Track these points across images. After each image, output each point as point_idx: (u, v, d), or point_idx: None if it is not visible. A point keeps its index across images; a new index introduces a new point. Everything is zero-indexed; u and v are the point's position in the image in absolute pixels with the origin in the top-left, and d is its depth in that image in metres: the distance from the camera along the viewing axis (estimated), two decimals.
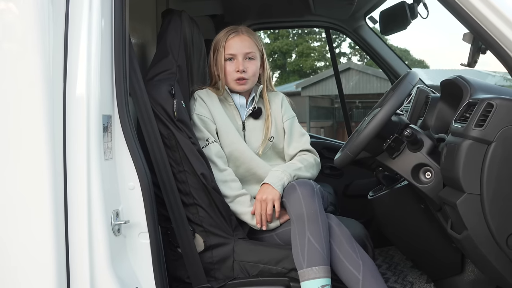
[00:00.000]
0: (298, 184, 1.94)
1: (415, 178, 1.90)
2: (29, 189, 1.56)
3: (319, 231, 1.84)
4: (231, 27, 2.17)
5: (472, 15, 1.64)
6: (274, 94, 2.26)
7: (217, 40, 2.16)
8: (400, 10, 2.62)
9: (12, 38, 1.58)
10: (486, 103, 1.62)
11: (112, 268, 1.63)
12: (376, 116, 1.86)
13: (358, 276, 1.83)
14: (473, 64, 1.80)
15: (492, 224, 1.62)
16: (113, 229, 1.65)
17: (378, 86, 20.03)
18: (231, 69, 2.12)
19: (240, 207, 2.00)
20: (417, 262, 2.51)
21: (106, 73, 1.68)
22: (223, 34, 2.15)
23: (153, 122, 1.85)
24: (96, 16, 1.65)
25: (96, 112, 1.62)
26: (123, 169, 1.71)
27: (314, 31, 29.45)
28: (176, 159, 1.91)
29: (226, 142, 2.07)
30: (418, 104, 2.42)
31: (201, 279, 1.89)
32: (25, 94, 1.56)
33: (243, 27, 2.18)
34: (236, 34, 2.14)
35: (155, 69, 2.05)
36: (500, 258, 1.64)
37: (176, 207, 1.87)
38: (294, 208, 1.88)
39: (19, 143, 1.57)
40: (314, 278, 1.79)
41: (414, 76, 1.97)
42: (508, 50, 1.61)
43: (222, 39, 2.14)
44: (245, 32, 2.15)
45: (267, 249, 1.97)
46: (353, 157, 1.91)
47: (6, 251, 1.58)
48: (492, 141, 1.59)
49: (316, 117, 21.74)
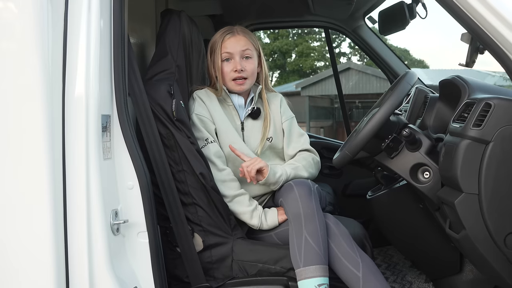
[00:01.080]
0: (295, 183, 1.94)
1: (413, 178, 1.91)
2: (28, 188, 1.56)
3: (316, 230, 1.84)
4: (227, 27, 2.18)
5: (470, 15, 1.64)
6: (273, 95, 2.27)
7: (213, 42, 2.17)
8: (399, 10, 2.62)
9: (11, 38, 1.58)
10: (484, 103, 1.63)
11: (111, 267, 1.63)
12: (374, 116, 1.87)
13: (358, 274, 1.83)
14: (471, 64, 1.80)
15: (490, 224, 1.62)
16: (112, 228, 1.66)
17: (377, 86, 20.03)
18: (229, 69, 2.12)
19: (239, 207, 2.00)
20: (416, 262, 2.51)
21: (105, 73, 1.68)
22: (219, 35, 2.15)
23: (152, 122, 1.86)
24: (95, 16, 1.65)
25: (95, 111, 1.63)
26: (122, 169, 1.71)
27: (313, 31, 29.45)
28: (175, 158, 1.91)
29: (225, 142, 2.08)
30: (417, 104, 2.42)
31: (200, 278, 1.90)
32: (24, 93, 1.56)
33: (238, 27, 2.19)
34: (232, 35, 2.14)
35: (154, 69, 2.05)
36: (498, 257, 1.65)
37: (175, 206, 1.87)
38: (291, 207, 1.89)
39: (18, 142, 1.57)
40: (310, 277, 1.79)
41: (412, 76, 1.97)
42: (506, 50, 1.61)
43: (218, 40, 2.14)
44: (240, 32, 2.16)
45: (266, 248, 1.97)
46: (351, 157, 1.91)
47: (5, 251, 1.59)
48: (490, 141, 1.60)
49: (315, 117, 21.74)
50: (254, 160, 1.97)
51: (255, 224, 2.00)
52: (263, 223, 2.00)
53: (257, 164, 1.96)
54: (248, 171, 1.95)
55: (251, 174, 1.95)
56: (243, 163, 1.98)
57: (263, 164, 1.97)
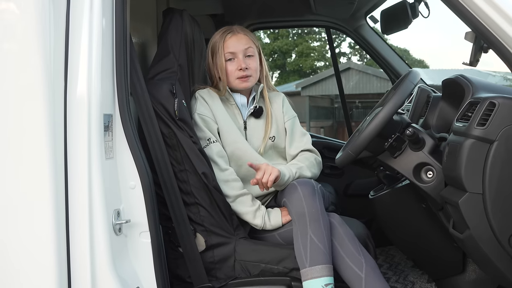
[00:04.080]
0: (299, 183, 1.93)
1: (416, 178, 1.90)
2: (30, 188, 1.56)
3: (321, 230, 1.83)
4: (225, 27, 2.17)
5: (474, 14, 1.63)
6: (275, 94, 2.26)
7: (213, 43, 2.16)
8: (401, 9, 2.61)
9: (13, 37, 1.57)
10: (489, 102, 1.62)
11: (113, 267, 1.62)
12: (377, 115, 1.86)
13: (361, 275, 1.83)
14: (475, 63, 1.79)
15: (494, 223, 1.61)
16: (114, 228, 1.65)
17: (378, 86, 20.05)
18: (233, 68, 2.12)
19: (242, 207, 2.00)
20: (418, 262, 2.51)
21: (107, 72, 1.68)
22: (219, 36, 2.15)
23: (154, 121, 1.85)
24: (97, 15, 1.65)
25: (97, 111, 1.62)
26: (124, 168, 1.70)
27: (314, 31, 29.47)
28: (177, 158, 1.91)
29: (227, 141, 2.07)
30: (419, 103, 2.41)
31: (202, 278, 1.89)
32: (26, 93, 1.56)
33: (237, 26, 2.19)
34: (232, 34, 2.14)
35: (156, 68, 2.04)
36: (502, 257, 1.64)
37: (177, 206, 1.87)
38: (295, 207, 1.88)
39: (20, 142, 1.56)
40: (317, 277, 1.78)
41: (415, 75, 1.96)
42: (510, 49, 1.60)
43: (219, 41, 2.13)
44: (240, 31, 2.16)
45: (269, 248, 1.96)
46: (354, 157, 1.91)
47: (7, 251, 1.58)
48: (494, 140, 1.59)
49: (316, 117, 21.76)
50: (267, 171, 1.92)
51: (258, 224, 2.00)
52: (266, 223, 2.00)
53: (273, 175, 1.92)
54: (264, 183, 1.92)
55: (268, 185, 1.93)
56: (257, 175, 1.93)
57: (276, 173, 1.94)
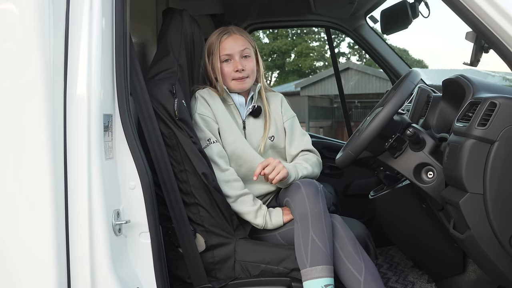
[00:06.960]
0: (302, 183, 1.93)
1: (417, 178, 1.90)
2: (29, 188, 1.55)
3: (323, 230, 1.83)
4: (221, 28, 2.17)
5: (475, 14, 1.63)
6: (274, 94, 2.26)
7: (210, 44, 2.15)
8: (401, 9, 2.61)
9: (12, 37, 1.57)
10: (489, 102, 1.62)
11: (113, 268, 1.62)
12: (378, 115, 1.85)
13: (360, 278, 1.82)
14: (475, 63, 1.79)
15: (495, 224, 1.61)
16: (114, 229, 1.65)
17: (377, 86, 20.05)
18: (229, 70, 2.11)
19: (243, 207, 1.99)
20: (418, 262, 2.51)
21: (106, 72, 1.67)
22: (215, 37, 2.14)
23: (154, 121, 1.84)
24: (97, 15, 1.64)
25: (97, 111, 1.62)
26: (124, 169, 1.70)
27: (313, 31, 29.47)
28: (177, 158, 1.90)
29: (227, 140, 2.07)
30: (420, 103, 2.41)
31: (202, 279, 1.89)
32: (25, 93, 1.55)
33: (233, 26, 2.18)
34: (228, 35, 2.13)
35: (156, 68, 2.04)
36: (503, 257, 1.64)
37: (177, 206, 1.86)
38: (298, 207, 1.87)
39: (20, 142, 1.56)
40: (317, 277, 1.78)
41: (416, 75, 1.96)
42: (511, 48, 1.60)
43: (215, 42, 2.13)
44: (236, 32, 2.15)
45: (269, 249, 1.96)
46: (355, 157, 1.90)
47: (6, 251, 1.58)
48: (495, 140, 1.59)
49: (315, 117, 21.76)
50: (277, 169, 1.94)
51: (260, 224, 1.99)
52: (267, 223, 1.99)
53: (280, 175, 1.94)
54: (270, 179, 1.94)
55: (273, 182, 1.94)
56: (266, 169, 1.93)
57: (284, 175, 1.95)
